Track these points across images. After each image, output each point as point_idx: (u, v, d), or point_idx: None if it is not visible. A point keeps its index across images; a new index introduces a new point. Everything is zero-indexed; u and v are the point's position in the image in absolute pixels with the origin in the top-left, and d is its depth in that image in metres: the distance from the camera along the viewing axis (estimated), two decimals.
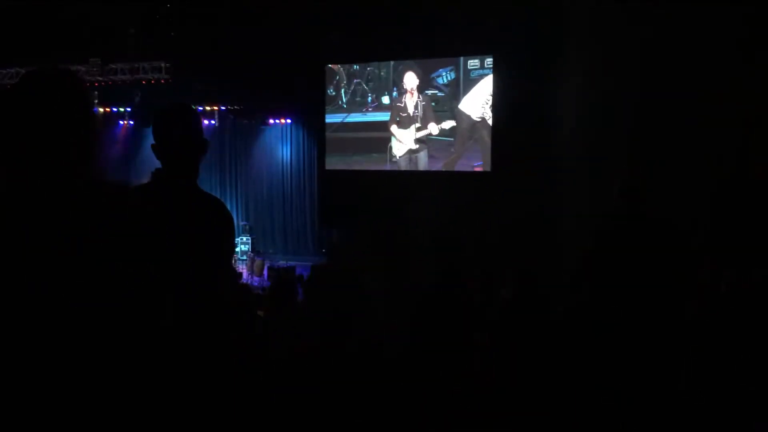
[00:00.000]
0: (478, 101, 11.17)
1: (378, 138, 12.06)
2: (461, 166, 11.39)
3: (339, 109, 12.43)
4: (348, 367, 3.42)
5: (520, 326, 3.91)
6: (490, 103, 11.06)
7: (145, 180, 2.13)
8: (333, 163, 12.55)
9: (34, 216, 1.41)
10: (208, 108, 13.70)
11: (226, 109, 13.72)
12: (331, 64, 12.39)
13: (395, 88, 11.89)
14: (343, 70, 12.36)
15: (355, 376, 3.36)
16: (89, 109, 1.54)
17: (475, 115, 11.20)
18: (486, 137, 11.12)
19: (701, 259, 4.39)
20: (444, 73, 11.43)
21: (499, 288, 6.26)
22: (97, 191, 1.51)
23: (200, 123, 2.23)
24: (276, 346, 3.86)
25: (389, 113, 11.95)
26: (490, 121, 11.04)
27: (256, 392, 3.08)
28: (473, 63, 11.17)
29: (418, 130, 11.69)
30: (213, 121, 14.07)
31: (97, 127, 1.57)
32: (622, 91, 7.07)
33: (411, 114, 11.72)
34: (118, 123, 14.74)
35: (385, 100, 12.01)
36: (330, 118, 12.50)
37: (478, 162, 11.24)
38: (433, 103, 11.55)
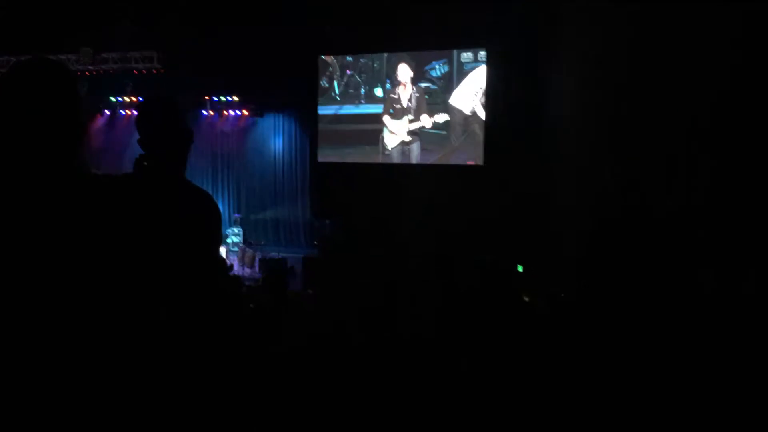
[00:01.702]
0: (468, 95, 11.17)
1: (371, 130, 12.04)
2: (455, 160, 11.39)
3: (332, 101, 12.39)
4: (345, 362, 3.42)
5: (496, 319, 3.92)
6: (479, 95, 11.05)
7: (129, 170, 2.10)
8: (325, 155, 12.52)
9: (23, 209, 1.40)
10: (199, 98, 13.62)
11: (218, 100, 13.64)
12: (324, 55, 12.34)
13: (388, 80, 11.86)
14: (337, 61, 12.31)
15: (352, 371, 3.36)
16: (77, 100, 1.53)
17: (467, 110, 11.20)
18: (478, 131, 11.12)
19: (698, 256, 4.40)
20: (437, 66, 11.41)
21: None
22: (85, 183, 1.50)
23: (184, 114, 2.20)
24: (269, 338, 3.86)
25: (382, 105, 11.93)
26: (481, 115, 11.04)
27: (249, 384, 3.07)
28: (467, 56, 11.16)
29: (411, 122, 11.67)
30: (204, 112, 13.99)
31: (85, 118, 1.56)
32: (616, 85, 7.07)
33: (404, 106, 11.71)
34: (107, 113, 14.63)
35: (378, 92, 11.98)
36: (323, 110, 12.46)
37: (471, 155, 11.24)
38: (426, 96, 11.54)
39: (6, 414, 1.34)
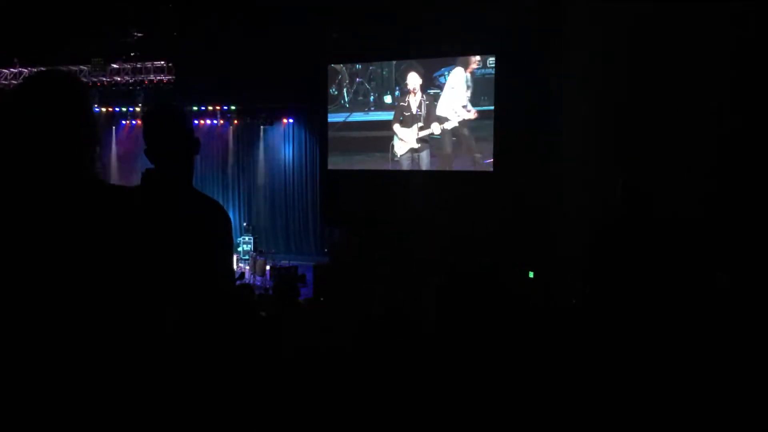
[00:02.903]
0: (450, 104, 11.27)
1: (380, 137, 12.05)
2: (465, 166, 11.38)
3: (341, 109, 12.43)
4: (354, 369, 3.43)
5: (527, 322, 3.92)
6: (457, 99, 11.11)
7: (137, 182, 2.11)
8: (335, 162, 12.56)
9: (34, 216, 1.42)
10: (210, 108, 13.71)
11: (229, 108, 13.73)
12: (333, 63, 12.39)
13: (398, 88, 11.88)
14: (346, 69, 12.36)
15: (361, 378, 3.37)
16: (89, 111, 1.56)
17: (453, 117, 11.26)
18: (467, 133, 11.17)
19: (702, 258, 4.38)
20: (446, 73, 11.43)
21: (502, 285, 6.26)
22: (96, 192, 1.52)
23: (189, 122, 2.20)
24: (280, 345, 3.87)
25: (392, 113, 11.96)
26: (468, 116, 11.03)
27: (261, 392, 3.09)
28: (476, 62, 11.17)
29: (420, 129, 11.69)
30: (215, 121, 14.09)
31: (96, 129, 1.58)
32: (624, 89, 7.06)
33: (414, 113, 11.72)
34: (121, 123, 14.76)
35: (388, 99, 12.01)
36: (332, 118, 12.50)
37: (480, 161, 11.23)
38: (435, 103, 11.56)
39: (12, 414, 1.36)
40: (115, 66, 12.51)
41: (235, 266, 10.91)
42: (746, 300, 3.68)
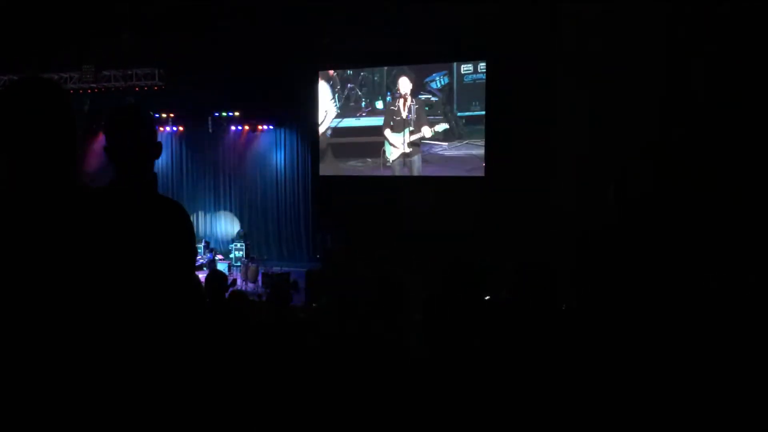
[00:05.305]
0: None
1: (372, 143, 12.07)
2: (456, 171, 11.40)
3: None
4: (349, 374, 3.41)
5: (522, 327, 3.90)
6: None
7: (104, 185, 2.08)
8: (327, 168, 12.55)
9: (18, 222, 1.42)
10: (201, 114, 13.66)
11: (220, 115, 13.70)
12: (324, 69, 12.40)
13: (389, 93, 11.90)
14: (337, 75, 12.37)
15: (356, 383, 3.35)
16: (70, 117, 1.55)
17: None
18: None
19: (697, 262, 4.40)
20: (437, 78, 11.46)
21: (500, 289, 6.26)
22: (76, 197, 1.52)
23: (153, 124, 2.17)
24: (273, 352, 3.86)
25: (383, 118, 11.98)
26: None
27: (253, 398, 3.07)
28: (467, 68, 11.20)
29: (411, 133, 11.70)
30: (206, 127, 14.02)
31: (77, 135, 1.58)
32: (616, 94, 7.10)
33: (404, 118, 11.74)
34: None
35: (379, 104, 12.03)
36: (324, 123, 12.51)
37: (471, 166, 11.25)
38: (426, 107, 11.58)
39: (6, 415, 1.35)
40: (105, 72, 12.47)
41: (227, 273, 10.84)
42: (735, 304, 3.69)
